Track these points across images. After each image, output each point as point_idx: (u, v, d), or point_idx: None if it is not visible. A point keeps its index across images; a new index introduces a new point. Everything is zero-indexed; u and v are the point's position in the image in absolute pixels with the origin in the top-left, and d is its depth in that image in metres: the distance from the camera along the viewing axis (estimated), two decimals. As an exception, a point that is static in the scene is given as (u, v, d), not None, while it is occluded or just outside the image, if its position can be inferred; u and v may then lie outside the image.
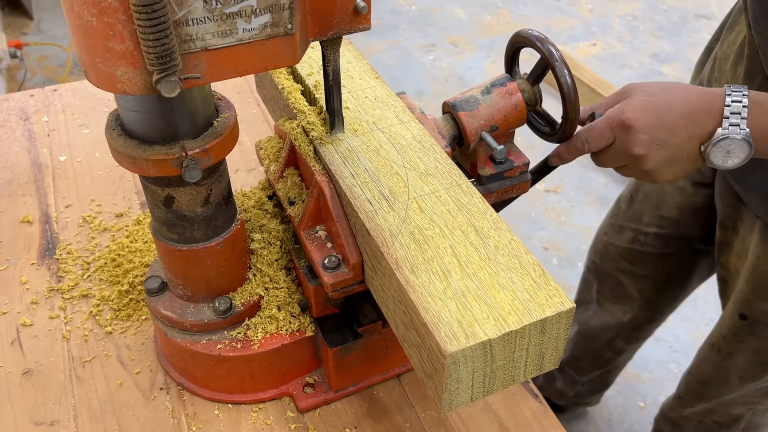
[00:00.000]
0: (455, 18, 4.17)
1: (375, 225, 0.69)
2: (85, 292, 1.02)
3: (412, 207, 0.71)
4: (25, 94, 1.44)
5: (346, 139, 0.80)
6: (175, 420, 0.87)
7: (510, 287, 0.62)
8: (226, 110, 0.73)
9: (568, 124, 0.87)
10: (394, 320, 0.70)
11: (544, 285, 0.62)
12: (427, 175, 0.75)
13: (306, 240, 0.79)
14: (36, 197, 1.19)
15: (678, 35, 3.97)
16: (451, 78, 3.59)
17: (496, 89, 0.87)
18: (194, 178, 0.68)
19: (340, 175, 0.75)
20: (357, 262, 0.74)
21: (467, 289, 0.62)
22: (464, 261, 0.65)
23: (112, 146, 0.69)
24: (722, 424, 1.47)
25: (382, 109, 0.86)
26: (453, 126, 0.88)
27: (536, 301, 0.61)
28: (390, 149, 0.79)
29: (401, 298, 0.64)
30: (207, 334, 0.85)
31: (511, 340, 0.59)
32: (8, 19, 3.95)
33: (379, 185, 0.74)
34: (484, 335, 0.58)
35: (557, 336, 0.62)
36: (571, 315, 0.61)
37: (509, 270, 0.64)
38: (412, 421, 0.87)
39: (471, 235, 0.67)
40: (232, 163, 1.25)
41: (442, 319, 0.59)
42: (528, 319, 0.59)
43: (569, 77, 0.83)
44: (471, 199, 0.72)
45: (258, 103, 1.43)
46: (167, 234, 0.78)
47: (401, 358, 0.92)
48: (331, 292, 0.76)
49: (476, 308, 0.60)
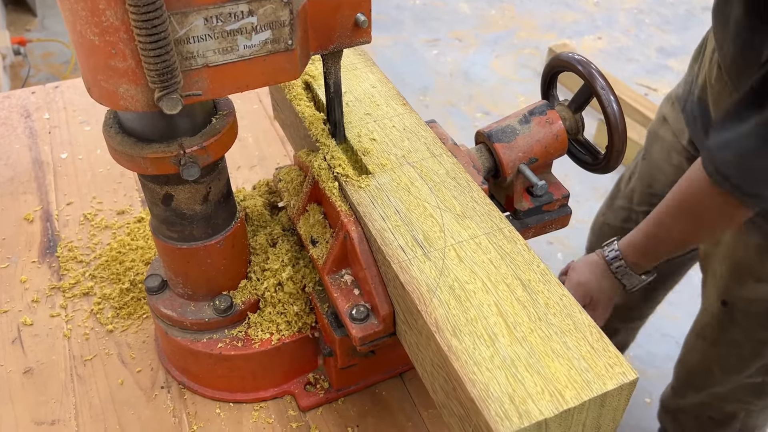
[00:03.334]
0: (459, 13, 4.15)
1: (410, 277, 0.62)
2: (86, 291, 1.01)
3: (449, 256, 0.64)
4: (27, 91, 1.44)
5: (374, 176, 0.74)
6: (176, 419, 0.86)
7: (565, 354, 0.56)
8: (225, 107, 0.72)
9: (614, 155, 0.81)
10: (432, 383, 0.64)
11: (602, 351, 0.56)
12: (465, 217, 0.68)
13: (331, 285, 0.73)
14: (37, 195, 1.19)
15: (685, 28, 3.94)
16: (456, 73, 3.58)
17: (535, 118, 0.81)
18: (192, 176, 0.68)
19: (369, 218, 0.69)
20: (388, 313, 0.68)
21: (517, 356, 0.55)
22: (512, 322, 0.58)
23: (110, 144, 0.68)
24: (717, 421, 1.48)
25: (412, 140, 0.79)
26: (488, 158, 0.82)
27: (595, 371, 0.55)
28: (422, 187, 0.72)
29: (442, 363, 0.58)
30: (207, 333, 0.84)
31: (568, 417, 0.54)
32: (12, 16, 3.96)
33: (413, 230, 0.67)
34: (540, 414, 0.52)
35: (616, 407, 0.56)
36: (634, 386, 0.56)
37: (563, 333, 0.57)
38: (415, 420, 0.87)
39: (518, 290, 0.60)
40: (232, 160, 1.24)
41: (491, 394, 0.53)
42: (588, 394, 0.53)
43: (616, 104, 0.78)
44: (515, 246, 0.65)
45: (259, 99, 1.42)
46: (167, 232, 0.77)
47: (404, 357, 0.90)
48: (360, 346, 0.70)
49: (528, 380, 0.54)
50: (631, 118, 2.98)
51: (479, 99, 3.38)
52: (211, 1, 0.55)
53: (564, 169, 1.36)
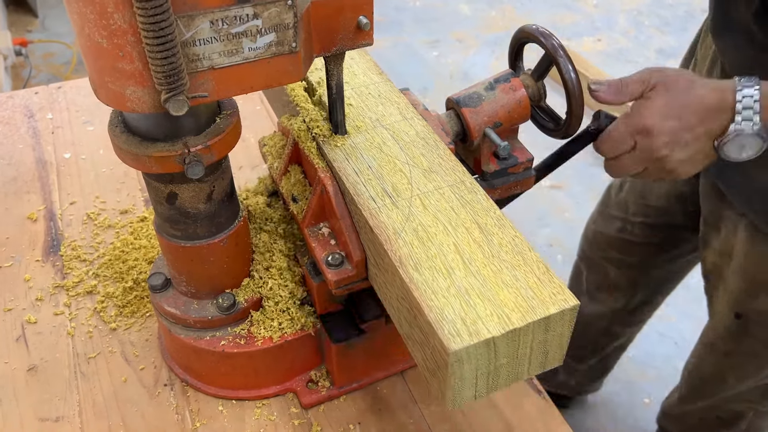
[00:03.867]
0: (460, 14, 4.16)
1: (378, 222, 0.69)
2: (89, 289, 1.02)
3: (415, 204, 0.70)
4: (30, 91, 1.44)
5: (349, 136, 0.80)
6: (180, 416, 0.87)
7: (514, 284, 0.62)
8: (229, 107, 0.73)
9: (572, 119, 0.87)
10: (398, 317, 0.69)
11: (548, 282, 0.62)
12: (431, 172, 0.74)
13: (309, 237, 0.79)
14: (40, 194, 1.20)
15: (684, 30, 3.95)
16: (456, 74, 3.58)
17: (499, 85, 0.87)
18: (197, 175, 0.68)
19: (344, 172, 0.75)
20: (360, 259, 0.74)
21: (471, 286, 0.62)
22: (468, 258, 0.64)
23: (115, 143, 0.69)
24: (724, 420, 1.47)
25: (386, 105, 0.85)
26: (457, 122, 0.87)
27: (540, 298, 0.60)
28: (393, 146, 0.78)
29: (405, 295, 0.64)
30: (210, 331, 0.85)
31: (514, 337, 0.59)
32: (13, 17, 3.96)
33: (383, 182, 0.73)
34: (488, 333, 0.58)
35: (561, 333, 0.62)
36: (575, 312, 0.61)
37: (513, 267, 0.63)
38: (416, 418, 0.88)
39: (474, 233, 0.67)
40: (235, 159, 1.25)
41: (445, 316, 0.59)
42: (532, 316, 0.59)
43: (573, 72, 0.83)
44: (475, 196, 0.71)
45: (261, 100, 1.43)
46: (170, 231, 0.78)
47: (404, 355, 0.92)
48: (335, 289, 0.76)
49: (480, 306, 0.60)
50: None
51: (479, 100, 3.38)
52: (217, 4, 0.56)
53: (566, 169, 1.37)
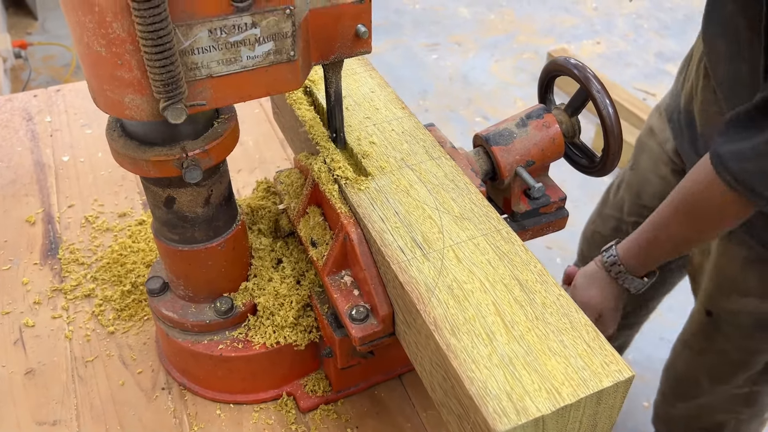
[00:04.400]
0: (459, 17, 4.16)
1: (409, 278, 0.63)
2: (87, 292, 1.02)
3: (448, 256, 0.65)
4: (28, 94, 1.45)
5: (373, 178, 0.75)
6: (177, 420, 0.87)
7: (562, 352, 0.56)
8: (227, 111, 0.73)
9: (609, 158, 0.82)
10: (431, 382, 0.64)
11: (599, 350, 0.57)
12: (463, 219, 0.69)
13: (331, 286, 0.74)
14: (39, 197, 1.20)
15: (683, 33, 3.95)
16: (455, 77, 3.59)
17: (532, 121, 0.82)
18: (195, 179, 0.68)
19: (369, 219, 0.69)
20: (388, 314, 0.69)
21: (515, 354, 0.56)
22: (509, 321, 0.59)
23: (113, 147, 0.69)
24: (709, 430, 1.48)
25: (411, 143, 0.80)
26: (486, 161, 0.83)
27: (591, 369, 0.55)
28: (421, 189, 0.73)
29: (441, 362, 0.59)
30: (208, 335, 0.85)
31: (564, 414, 0.54)
32: (13, 19, 3.97)
33: (412, 231, 0.67)
34: (537, 411, 0.52)
35: (613, 405, 0.57)
36: (629, 384, 0.56)
37: (560, 332, 0.58)
38: (414, 421, 0.87)
39: (515, 290, 0.61)
40: (234, 163, 1.25)
41: (489, 391, 0.54)
42: (584, 391, 0.54)
43: (611, 108, 0.79)
44: (512, 247, 0.66)
45: (260, 103, 1.43)
46: (168, 234, 0.78)
47: (403, 358, 0.91)
48: (359, 346, 0.71)
49: (526, 378, 0.55)
50: (629, 123, 2.99)
51: (478, 103, 3.39)
52: (216, 13, 0.56)
53: (562, 174, 1.37)
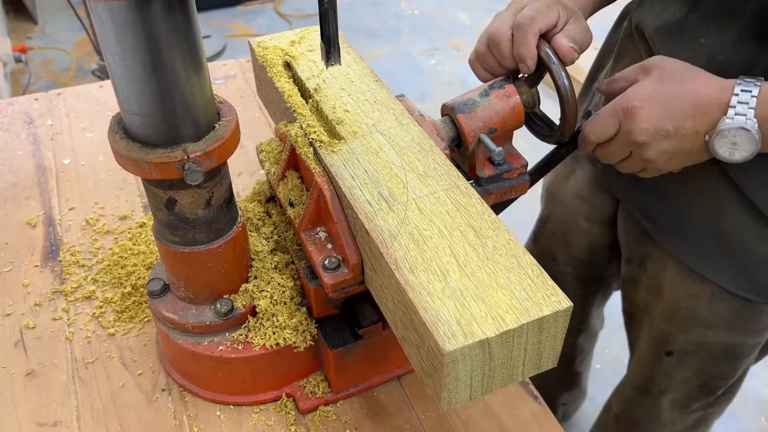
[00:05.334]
0: (457, 22, 4.18)
1: (374, 226, 0.69)
2: (88, 294, 1.02)
3: (411, 208, 0.71)
4: (30, 97, 1.45)
5: (346, 141, 0.81)
6: (177, 421, 0.87)
7: (508, 286, 0.63)
8: (228, 113, 0.74)
9: (566, 125, 0.88)
10: (394, 320, 0.70)
11: (541, 284, 0.63)
12: (426, 176, 0.75)
13: (306, 241, 0.80)
14: (40, 200, 1.20)
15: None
16: (454, 82, 3.60)
17: (494, 91, 0.88)
18: (196, 181, 0.69)
19: (340, 177, 0.75)
20: (357, 262, 0.74)
21: (465, 288, 0.62)
22: (462, 261, 0.65)
23: (115, 149, 0.70)
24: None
25: (382, 111, 0.86)
26: (452, 128, 0.88)
27: (534, 300, 0.61)
28: (389, 151, 0.79)
29: (400, 297, 0.65)
30: (208, 336, 0.85)
31: (509, 338, 0.60)
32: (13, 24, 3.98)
33: (379, 187, 0.74)
34: (482, 334, 0.58)
35: (555, 335, 0.63)
36: (569, 314, 0.62)
37: (507, 270, 0.64)
38: (413, 423, 0.88)
39: (469, 236, 0.68)
40: (234, 166, 1.26)
41: (440, 318, 0.60)
42: (526, 317, 0.60)
43: (566, 79, 0.84)
44: (469, 200, 0.72)
45: (260, 107, 1.44)
46: (169, 236, 0.79)
47: (401, 360, 0.92)
48: (332, 293, 0.76)
49: (474, 307, 0.61)
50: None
51: (477, 108, 3.40)
52: None
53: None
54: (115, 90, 0.67)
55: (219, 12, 4.31)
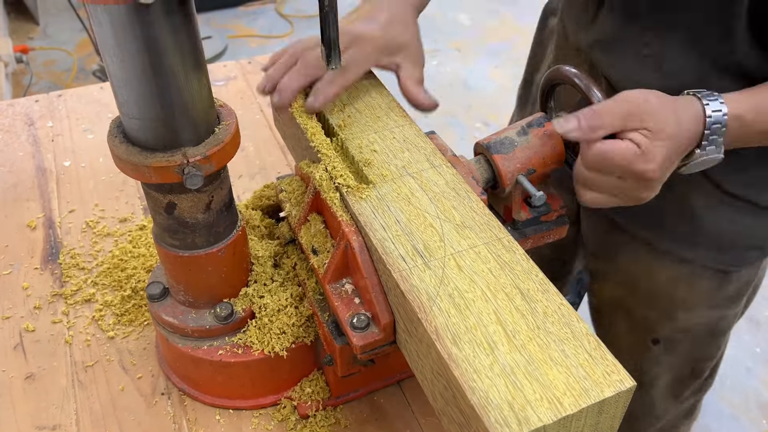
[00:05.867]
0: (459, 24, 4.18)
1: (410, 286, 0.63)
2: (87, 297, 1.02)
3: (449, 265, 0.65)
4: (30, 99, 1.45)
5: (375, 186, 0.75)
6: (177, 425, 0.87)
7: (563, 362, 0.56)
8: (228, 117, 0.73)
9: None
10: (432, 391, 0.64)
11: (600, 359, 0.57)
12: (464, 227, 0.69)
13: (332, 294, 0.74)
14: (40, 202, 1.20)
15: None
16: (456, 83, 3.60)
17: (533, 130, 0.82)
18: (196, 185, 0.69)
19: (370, 227, 0.69)
20: (389, 322, 0.69)
21: (516, 364, 0.56)
22: (511, 330, 0.59)
23: (114, 153, 0.69)
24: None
25: (412, 151, 0.79)
26: (487, 169, 0.82)
27: (593, 378, 0.55)
28: (422, 197, 0.72)
29: (442, 371, 0.59)
30: (208, 340, 0.85)
31: (566, 423, 0.54)
32: (14, 24, 3.98)
33: (413, 239, 0.67)
34: (539, 421, 0.53)
35: (614, 415, 0.57)
36: (631, 394, 0.56)
37: (561, 341, 0.58)
38: (413, 428, 0.88)
39: (516, 299, 0.61)
40: (234, 169, 1.26)
41: (490, 401, 0.54)
42: (586, 401, 0.54)
43: None
44: (513, 255, 0.66)
45: (261, 109, 1.43)
46: (169, 240, 0.78)
47: (402, 364, 0.91)
48: (360, 354, 0.71)
49: (527, 388, 0.55)
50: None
51: (478, 109, 3.40)
52: None
53: None
54: (115, 93, 0.67)
55: (220, 12, 4.31)
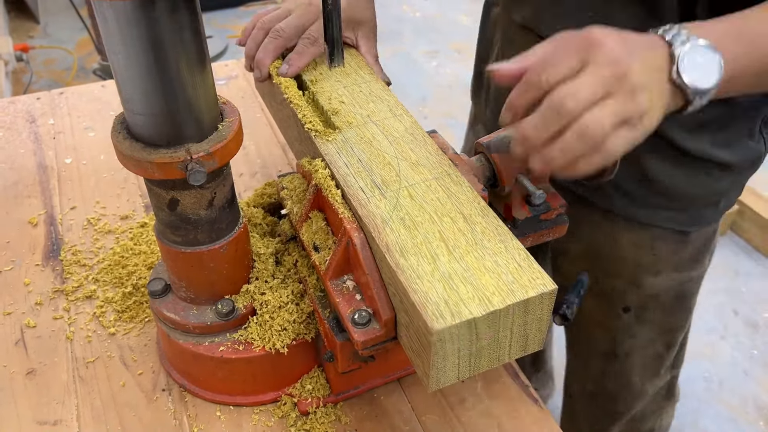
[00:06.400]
0: (459, 25, 4.18)
1: (367, 212, 0.71)
2: (88, 294, 1.02)
3: (402, 195, 0.73)
4: (32, 96, 1.45)
5: (341, 131, 0.83)
6: (177, 421, 0.87)
7: (495, 270, 0.64)
8: (231, 114, 0.74)
9: (609, 166, 0.80)
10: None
11: (527, 268, 0.65)
12: (418, 165, 0.77)
13: (333, 291, 0.75)
14: (41, 199, 1.20)
15: (681, 43, 3.97)
16: (455, 84, 3.61)
17: None
18: (199, 182, 0.69)
19: (335, 165, 0.78)
20: (390, 318, 0.70)
21: (454, 271, 0.64)
22: (452, 245, 0.67)
23: (118, 149, 0.70)
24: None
25: (377, 103, 0.88)
26: (487, 167, 0.83)
27: (520, 282, 0.63)
28: (383, 141, 0.81)
29: (392, 280, 0.67)
30: (209, 336, 0.85)
31: (495, 319, 0.62)
32: (15, 23, 3.98)
33: (372, 175, 0.76)
34: (470, 314, 0.60)
35: (540, 317, 0.65)
36: (553, 296, 0.64)
37: (495, 254, 0.66)
38: (413, 425, 0.88)
39: (459, 221, 0.70)
40: (235, 167, 1.26)
41: (429, 299, 0.62)
42: (512, 299, 0.62)
43: None
44: (460, 187, 0.74)
45: (262, 108, 1.44)
46: (171, 236, 0.79)
47: (402, 362, 0.92)
48: (362, 350, 0.72)
49: (462, 289, 0.63)
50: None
51: (478, 110, 3.40)
52: None
53: None
54: (119, 89, 0.67)
55: (221, 12, 4.31)
